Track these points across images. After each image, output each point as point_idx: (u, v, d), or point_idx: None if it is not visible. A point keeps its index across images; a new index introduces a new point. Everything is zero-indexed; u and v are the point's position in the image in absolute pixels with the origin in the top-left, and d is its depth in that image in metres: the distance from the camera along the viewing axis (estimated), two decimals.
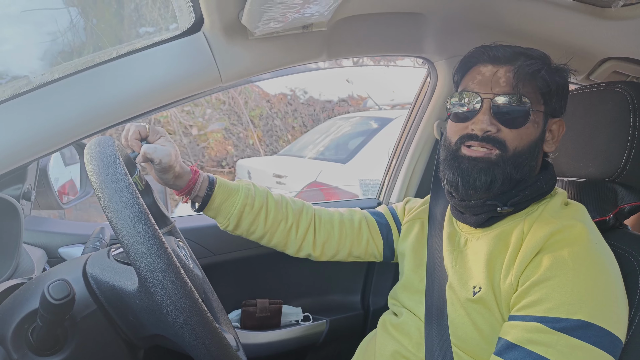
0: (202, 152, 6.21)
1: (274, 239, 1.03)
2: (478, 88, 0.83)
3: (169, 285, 0.59)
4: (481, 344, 0.80)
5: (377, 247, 1.07)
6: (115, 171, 0.64)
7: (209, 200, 0.96)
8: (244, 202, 0.98)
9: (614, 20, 1.07)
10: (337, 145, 4.20)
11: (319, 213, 1.06)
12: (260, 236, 1.02)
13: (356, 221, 1.07)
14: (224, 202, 0.97)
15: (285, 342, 1.44)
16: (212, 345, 0.62)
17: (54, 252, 1.17)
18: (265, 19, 0.87)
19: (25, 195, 1.04)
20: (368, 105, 6.09)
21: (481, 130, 0.81)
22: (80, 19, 1.16)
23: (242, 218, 0.98)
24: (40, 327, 0.64)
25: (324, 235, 1.04)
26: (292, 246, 1.04)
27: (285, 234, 1.02)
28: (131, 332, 0.73)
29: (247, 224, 0.99)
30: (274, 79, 6.50)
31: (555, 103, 0.84)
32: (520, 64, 0.80)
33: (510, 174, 0.81)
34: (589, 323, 0.68)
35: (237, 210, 0.97)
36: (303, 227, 1.03)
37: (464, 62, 0.88)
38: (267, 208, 1.00)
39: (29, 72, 0.89)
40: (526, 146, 0.82)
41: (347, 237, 1.05)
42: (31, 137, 0.85)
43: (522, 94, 0.80)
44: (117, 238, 0.61)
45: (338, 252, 1.06)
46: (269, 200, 1.01)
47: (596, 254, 0.75)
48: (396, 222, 1.08)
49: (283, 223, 1.02)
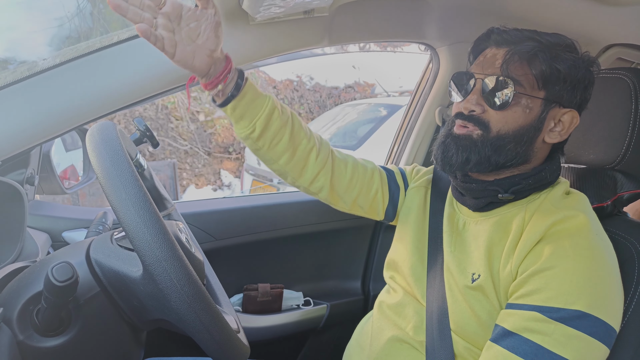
0: (209, 138, 6.21)
1: (294, 159, 0.92)
2: (475, 69, 0.84)
3: (173, 273, 0.60)
4: (478, 331, 0.81)
5: (383, 201, 1.02)
6: (118, 159, 0.64)
7: (238, 92, 0.83)
8: (274, 105, 0.87)
9: (618, 7, 1.06)
10: (347, 132, 4.19)
11: (334, 150, 1.00)
12: (283, 151, 0.90)
13: (369, 169, 1.01)
14: (254, 100, 0.85)
15: (286, 326, 1.45)
16: (215, 331, 0.63)
17: (58, 236, 1.19)
18: (266, 4, 0.86)
19: (28, 180, 1.05)
20: (376, 92, 6.06)
21: (466, 109, 0.82)
22: (87, 4, 1.15)
23: (270, 122, 0.87)
24: (44, 309, 0.66)
25: (337, 172, 0.98)
26: (310, 171, 0.95)
27: (306, 155, 0.93)
28: (135, 315, 0.74)
29: (274, 130, 0.87)
30: (279, 64, 6.47)
31: (560, 91, 0.80)
32: (518, 46, 0.79)
33: (489, 156, 0.80)
34: (586, 313, 0.69)
35: (267, 111, 0.85)
36: (323, 154, 0.95)
37: (476, 45, 0.88)
38: (293, 120, 0.91)
39: (37, 58, 0.89)
40: (512, 130, 0.80)
41: (358, 181, 0.99)
42: (33, 123, 0.85)
43: (509, 75, 0.78)
44: (121, 227, 0.62)
45: (345, 194, 0.99)
46: (294, 115, 0.92)
47: (596, 246, 0.75)
48: (405, 183, 1.05)
49: (305, 141, 0.92)
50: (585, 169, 0.98)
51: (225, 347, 0.66)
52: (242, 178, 4.66)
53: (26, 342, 0.67)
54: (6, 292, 0.71)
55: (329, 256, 1.60)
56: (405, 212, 1.02)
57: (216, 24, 0.77)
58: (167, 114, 6.01)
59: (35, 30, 1.15)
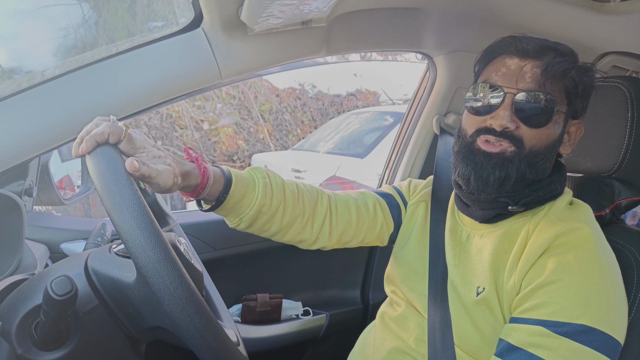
0: (214, 147, 6.23)
1: (288, 235, 0.93)
2: (501, 81, 0.79)
3: (166, 275, 0.59)
4: (481, 345, 0.80)
5: (388, 230, 1.01)
6: (113, 164, 0.64)
7: (223, 202, 0.82)
8: (262, 202, 0.85)
9: (613, 15, 1.07)
10: (354, 140, 4.19)
11: (334, 201, 0.97)
12: (273, 233, 0.91)
13: (371, 206, 0.99)
14: (240, 201, 0.84)
15: (286, 336, 1.45)
16: (209, 336, 0.62)
17: (56, 248, 1.18)
18: (264, 15, 0.87)
19: (27, 191, 1.05)
20: (381, 100, 6.09)
21: (500, 126, 0.78)
22: (92, 14, 1.16)
23: (257, 218, 0.86)
24: (43, 323, 0.65)
25: (342, 225, 0.96)
26: (307, 240, 0.95)
27: (300, 230, 0.93)
28: (132, 325, 0.74)
29: (262, 223, 0.88)
30: (282, 72, 6.51)
31: (578, 104, 0.81)
32: (550, 60, 0.76)
33: (524, 172, 0.78)
34: (591, 328, 0.68)
35: (253, 210, 0.84)
36: (319, 221, 0.94)
37: (489, 52, 0.84)
38: (285, 204, 0.89)
39: (43, 68, 0.89)
40: (544, 146, 0.78)
41: (364, 225, 0.98)
42: (32, 134, 0.85)
43: (548, 92, 0.76)
44: (114, 228, 0.62)
45: (352, 239, 0.99)
46: (286, 195, 0.89)
47: (601, 258, 0.74)
48: (403, 202, 1.03)
49: (299, 219, 0.92)
50: (582, 178, 0.98)
51: (221, 355, 0.64)
52: None
53: (25, 356, 0.66)
54: (4, 305, 0.71)
55: (328, 266, 1.59)
56: (406, 228, 1.00)
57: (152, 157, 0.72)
58: (171, 122, 6.03)
59: (41, 40, 1.16)
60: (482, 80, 0.82)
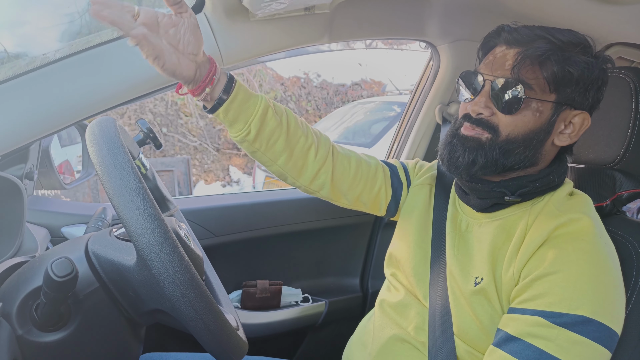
0: (218, 135, 6.22)
1: (293, 158, 0.91)
2: (484, 69, 0.82)
3: (166, 258, 0.60)
4: (479, 335, 0.80)
5: (386, 197, 1.01)
6: (114, 147, 0.64)
7: (228, 97, 0.81)
8: (267, 104, 0.85)
9: (619, 5, 1.05)
10: (360, 130, 4.19)
11: (337, 146, 0.97)
12: (280, 151, 0.89)
13: (373, 165, 0.99)
14: (246, 101, 0.83)
15: (285, 323, 1.46)
16: (208, 319, 0.62)
17: (57, 232, 1.19)
18: (267, 1, 0.86)
19: (27, 175, 1.05)
20: (387, 90, 6.05)
21: (474, 112, 0.80)
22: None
23: (265, 122, 0.85)
24: (44, 304, 0.66)
25: (340, 169, 0.96)
26: (310, 170, 0.93)
27: (305, 153, 0.91)
28: (132, 308, 0.74)
29: (270, 130, 0.86)
30: (287, 61, 6.47)
31: (572, 93, 0.78)
32: (529, 47, 0.77)
33: (496, 159, 0.79)
34: (589, 319, 0.69)
35: (260, 111, 0.84)
36: (323, 151, 0.93)
37: (485, 41, 0.86)
38: (288, 118, 0.89)
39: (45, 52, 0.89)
40: (521, 134, 0.79)
41: (362, 178, 0.98)
42: (33, 118, 0.85)
43: (520, 79, 0.76)
44: (115, 211, 0.62)
45: (348, 191, 0.98)
46: (287, 110, 0.90)
47: (601, 249, 0.74)
48: (407, 179, 1.03)
49: (303, 139, 0.91)
50: (584, 169, 0.98)
51: (220, 339, 0.65)
52: (254, 173, 4.68)
53: (25, 337, 0.67)
54: (5, 287, 0.71)
55: (328, 253, 1.60)
56: (408, 209, 1.00)
57: (194, 26, 0.75)
58: (176, 110, 6.02)
59: (47, 26, 1.15)
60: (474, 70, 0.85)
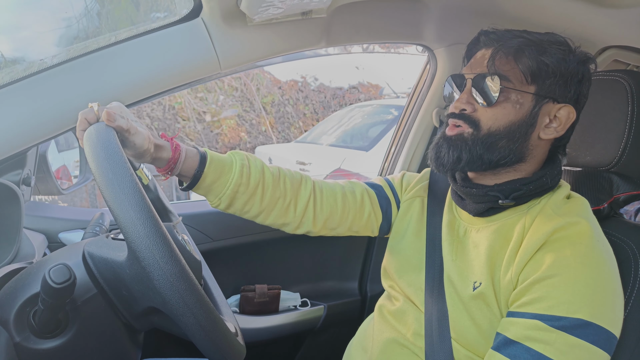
0: (216, 139, 6.23)
1: (270, 218, 0.95)
2: (465, 70, 0.86)
3: (156, 249, 0.59)
4: (478, 339, 0.80)
5: (377, 221, 1.02)
6: (109, 144, 0.65)
7: (199, 179, 0.86)
8: (238, 182, 0.88)
9: (614, 9, 1.06)
10: (358, 133, 4.21)
11: (319, 186, 0.99)
12: (255, 215, 0.94)
13: (358, 195, 1.00)
14: (216, 181, 0.87)
15: (284, 327, 1.45)
16: (200, 314, 0.61)
17: (54, 237, 1.18)
18: (264, 6, 0.86)
19: (25, 180, 1.05)
20: (384, 93, 6.07)
21: (456, 108, 0.83)
22: (95, 4, 1.16)
23: (235, 198, 0.90)
24: (41, 311, 0.65)
25: (327, 210, 0.98)
26: (291, 224, 0.97)
27: (284, 212, 0.95)
28: (126, 310, 0.74)
29: (241, 203, 0.91)
30: (284, 65, 6.49)
31: (552, 85, 0.80)
32: (505, 43, 0.80)
33: (481, 154, 0.80)
34: (588, 322, 0.69)
35: (230, 190, 0.88)
36: (302, 204, 0.96)
37: (468, 49, 0.89)
38: (264, 186, 0.92)
39: (42, 57, 0.90)
40: (502, 127, 0.80)
41: (350, 212, 0.99)
42: (30, 123, 0.85)
43: (496, 71, 0.79)
44: (106, 203, 0.62)
45: (339, 226, 1.00)
46: (265, 177, 0.92)
47: (598, 253, 0.74)
48: (394, 196, 1.04)
49: (281, 201, 0.94)
50: (581, 172, 0.98)
51: (215, 337, 0.63)
52: None
53: (23, 344, 0.66)
54: (3, 293, 0.71)
55: (327, 257, 1.60)
56: (400, 224, 1.01)
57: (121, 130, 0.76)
58: (174, 114, 6.03)
59: (44, 31, 1.15)
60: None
